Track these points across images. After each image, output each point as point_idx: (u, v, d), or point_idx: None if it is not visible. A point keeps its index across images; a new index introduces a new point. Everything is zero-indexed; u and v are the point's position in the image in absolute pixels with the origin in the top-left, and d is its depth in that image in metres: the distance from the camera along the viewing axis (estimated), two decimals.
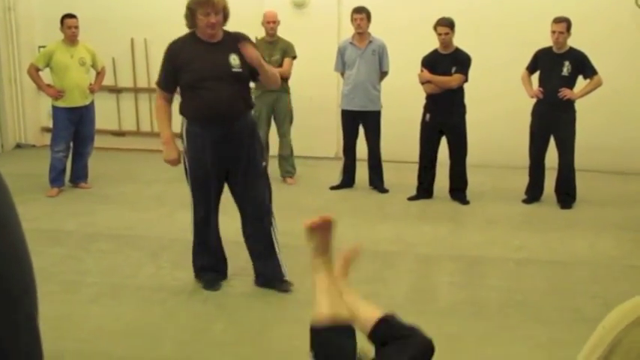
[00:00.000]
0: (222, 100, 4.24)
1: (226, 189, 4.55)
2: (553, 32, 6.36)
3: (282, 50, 7.41)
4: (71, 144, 7.33)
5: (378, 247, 5.48)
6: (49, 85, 7.16)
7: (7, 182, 1.31)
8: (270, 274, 4.60)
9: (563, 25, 6.31)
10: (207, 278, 4.64)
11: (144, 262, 5.13)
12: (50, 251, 5.36)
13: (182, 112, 4.39)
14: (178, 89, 4.43)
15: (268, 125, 7.65)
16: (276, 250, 4.59)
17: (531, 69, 6.67)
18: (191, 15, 4.25)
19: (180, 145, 4.49)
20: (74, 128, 7.21)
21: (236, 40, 4.30)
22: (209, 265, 4.65)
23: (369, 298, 4.33)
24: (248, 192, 4.48)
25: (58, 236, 5.74)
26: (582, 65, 6.43)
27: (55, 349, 3.75)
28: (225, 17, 4.31)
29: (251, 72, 4.36)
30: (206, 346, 3.87)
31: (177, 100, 4.50)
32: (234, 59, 4.28)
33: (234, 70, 4.28)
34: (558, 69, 6.44)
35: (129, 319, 4.16)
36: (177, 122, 4.47)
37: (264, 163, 4.61)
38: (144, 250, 5.35)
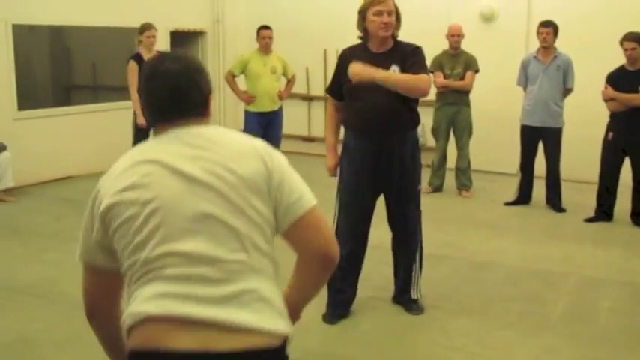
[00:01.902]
0: (374, 112, 4.02)
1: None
2: None
3: (464, 63, 7.44)
4: None
5: (541, 266, 5.35)
6: (243, 91, 7.74)
7: None
8: (403, 301, 4.50)
9: None
10: (331, 310, 4.35)
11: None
12: None
13: (342, 121, 4.31)
14: None
15: (447, 137, 7.70)
16: (412, 281, 4.43)
17: None
18: (362, 19, 4.05)
19: None
20: (262, 132, 7.72)
21: (404, 51, 4.06)
22: (336, 292, 4.32)
23: (523, 316, 4.32)
24: (397, 214, 4.33)
25: None
26: None
27: None
28: (398, 21, 4.07)
29: None
30: (350, 342, 4.05)
31: None
32: (393, 70, 4.00)
33: None
34: None
35: None
36: None
37: (419, 187, 4.36)
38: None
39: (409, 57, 4.04)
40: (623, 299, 4.74)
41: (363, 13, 4.05)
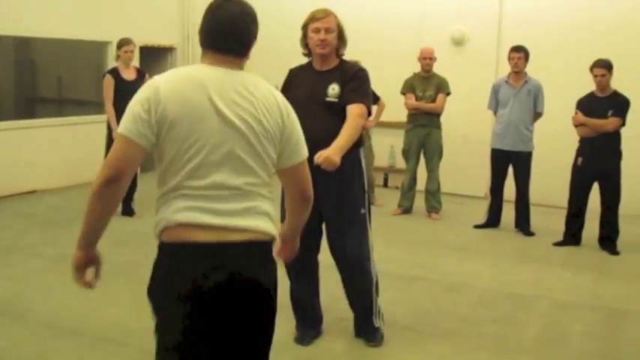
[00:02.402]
0: (311, 130, 3.42)
1: None
2: None
3: (436, 86, 7.49)
4: None
5: (513, 289, 5.36)
6: None
7: None
8: (365, 332, 4.27)
9: None
10: (301, 331, 4.27)
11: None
12: None
13: None
14: None
15: (417, 159, 7.73)
16: (374, 310, 4.20)
17: None
18: (304, 36, 3.95)
19: None
20: None
21: (347, 71, 3.93)
22: (301, 317, 4.29)
23: (497, 339, 4.30)
24: (336, 240, 4.07)
25: None
26: None
27: None
28: (340, 39, 3.93)
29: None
30: None
31: None
32: (332, 89, 3.87)
33: (327, 99, 3.87)
34: None
35: None
36: None
37: (362, 211, 4.05)
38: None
39: (350, 80, 3.89)
40: (595, 323, 4.75)
41: (304, 30, 3.96)
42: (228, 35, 2.33)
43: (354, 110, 3.82)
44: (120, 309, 4.67)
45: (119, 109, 6.97)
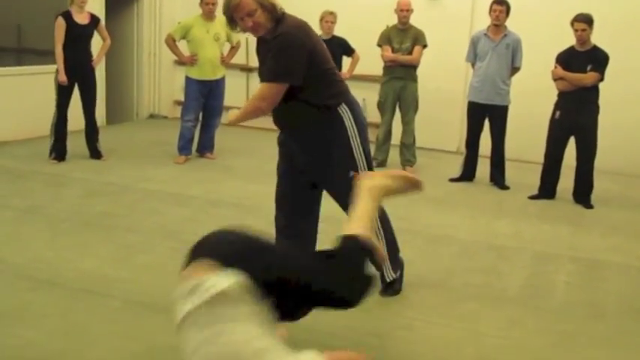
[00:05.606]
0: (276, 115, 3.78)
1: None
2: None
3: (413, 38, 7.39)
4: (200, 116, 7.64)
5: (494, 241, 5.38)
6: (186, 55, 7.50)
7: None
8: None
9: None
10: None
11: (261, 229, 5.25)
12: (174, 211, 5.62)
13: None
14: None
15: (393, 112, 7.66)
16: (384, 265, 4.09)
17: None
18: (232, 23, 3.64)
19: None
20: (204, 100, 7.50)
21: (270, 42, 3.56)
22: None
23: (483, 289, 4.30)
24: (338, 190, 3.85)
25: (182, 199, 6.00)
26: None
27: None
28: (265, 9, 3.51)
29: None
30: (313, 314, 3.91)
31: None
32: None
33: None
34: None
35: None
36: None
37: (351, 173, 3.72)
38: (262, 219, 5.47)
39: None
40: (576, 274, 4.80)
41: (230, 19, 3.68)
42: None
43: (256, 91, 3.73)
44: (97, 260, 4.54)
45: (70, 53, 6.80)
